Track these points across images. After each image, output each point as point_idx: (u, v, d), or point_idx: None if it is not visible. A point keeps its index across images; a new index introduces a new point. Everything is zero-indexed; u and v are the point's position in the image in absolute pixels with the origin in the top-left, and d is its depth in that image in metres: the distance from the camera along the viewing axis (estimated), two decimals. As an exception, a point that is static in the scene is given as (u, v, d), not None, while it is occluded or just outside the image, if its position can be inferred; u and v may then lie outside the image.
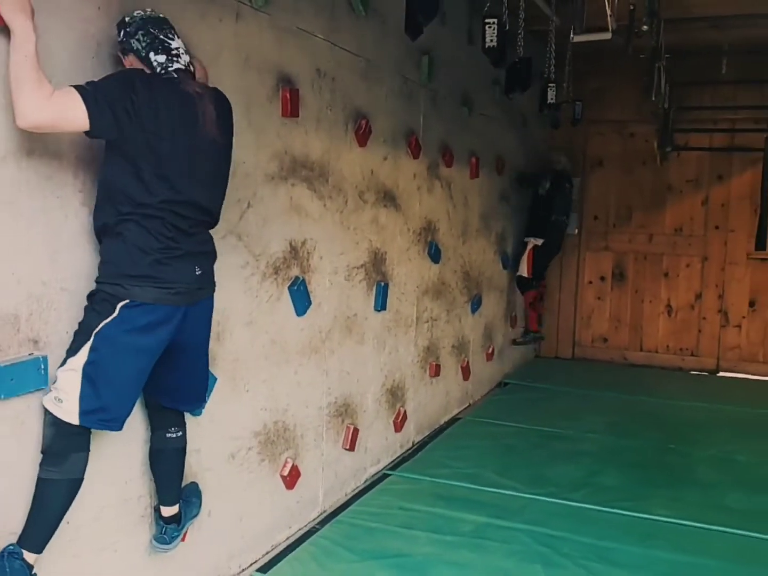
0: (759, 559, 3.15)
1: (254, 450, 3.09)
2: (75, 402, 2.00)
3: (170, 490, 2.46)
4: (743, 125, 6.47)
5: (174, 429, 2.42)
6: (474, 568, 3.02)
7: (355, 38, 3.66)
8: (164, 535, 2.47)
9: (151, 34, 2.13)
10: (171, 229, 2.09)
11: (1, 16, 1.81)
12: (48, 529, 2.03)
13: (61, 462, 2.03)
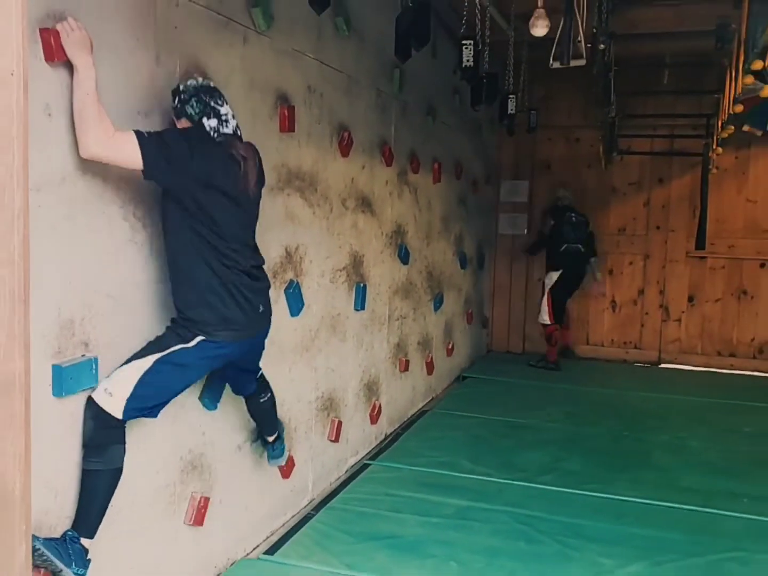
0: (713, 531, 3.51)
1: (258, 442, 3.30)
2: (124, 398, 2.24)
3: (269, 427, 3.13)
4: (682, 131, 6.94)
5: (263, 395, 2.99)
6: (463, 546, 3.30)
7: (339, 56, 3.89)
8: (275, 451, 3.18)
9: (203, 101, 2.38)
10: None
11: (65, 52, 2.01)
12: (97, 515, 2.23)
13: (103, 453, 2.23)
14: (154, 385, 2.30)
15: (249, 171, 2.44)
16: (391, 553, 3.22)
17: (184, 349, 2.35)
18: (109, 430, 2.25)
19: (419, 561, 3.15)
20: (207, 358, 2.42)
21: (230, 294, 2.41)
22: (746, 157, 6.97)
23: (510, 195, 7.64)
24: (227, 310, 2.40)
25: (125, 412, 2.25)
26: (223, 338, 2.42)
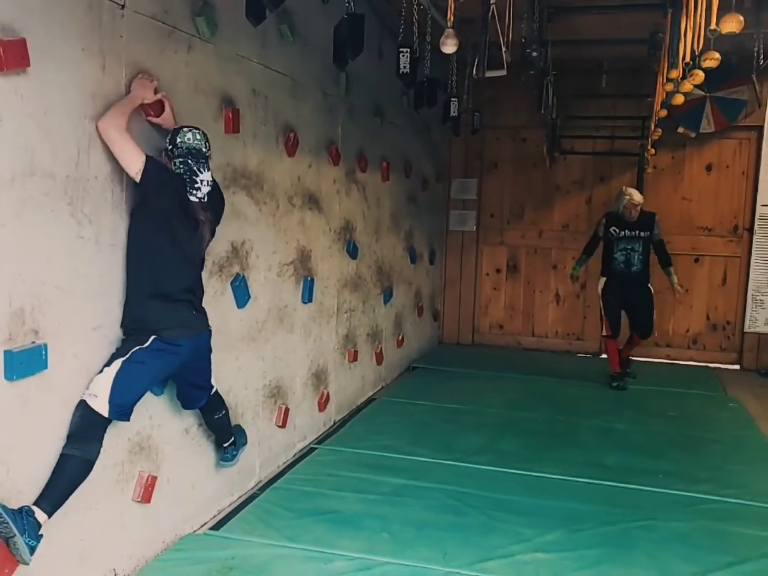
0: (628, 504, 3.82)
1: (204, 426, 3.50)
2: (106, 398, 2.63)
3: (224, 436, 3.49)
4: (622, 133, 7.28)
5: (218, 412, 3.37)
6: (396, 519, 3.55)
7: (284, 60, 4.09)
8: (227, 454, 3.52)
9: (188, 166, 2.84)
10: None
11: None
12: (62, 497, 2.50)
13: (84, 445, 2.57)
14: (126, 384, 2.69)
15: (203, 233, 2.94)
16: (329, 527, 3.45)
17: (142, 350, 2.76)
18: (94, 427, 2.62)
19: (354, 533, 3.39)
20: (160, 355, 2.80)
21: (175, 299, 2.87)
22: (681, 157, 7.34)
23: (460, 193, 7.91)
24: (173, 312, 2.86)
25: (110, 411, 2.64)
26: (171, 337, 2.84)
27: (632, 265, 6.00)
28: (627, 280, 6.04)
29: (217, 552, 3.17)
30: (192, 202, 2.84)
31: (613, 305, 6.10)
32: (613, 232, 6.01)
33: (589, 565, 3.14)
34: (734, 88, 6.83)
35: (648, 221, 6.00)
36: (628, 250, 5.98)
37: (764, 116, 6.90)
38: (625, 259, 5.99)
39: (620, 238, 5.99)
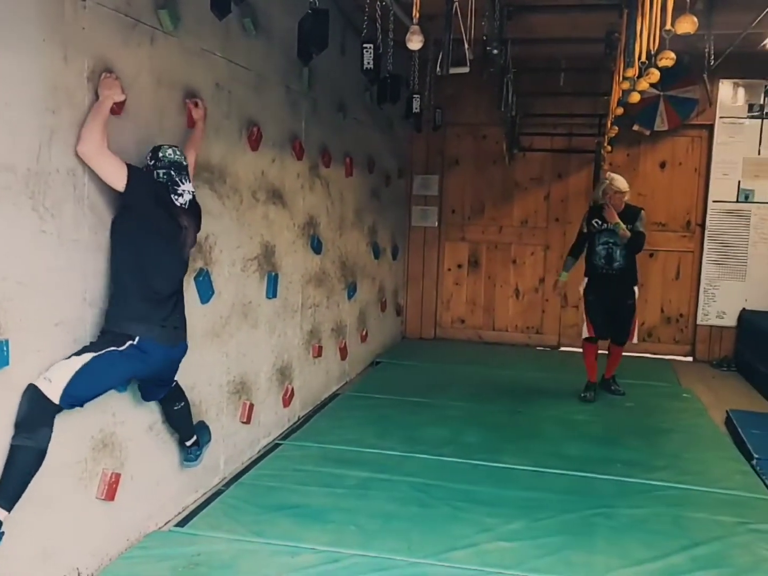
0: (587, 492, 3.91)
1: (168, 422, 3.49)
2: (61, 386, 2.57)
3: (186, 431, 3.47)
4: (579, 130, 7.41)
5: (177, 403, 3.36)
6: (362, 512, 3.58)
7: (247, 55, 4.08)
8: (190, 455, 3.51)
9: (170, 176, 2.95)
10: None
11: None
12: (18, 490, 2.46)
13: (34, 433, 2.50)
14: (89, 379, 2.66)
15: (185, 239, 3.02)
16: (295, 521, 3.47)
17: (116, 351, 2.76)
18: (43, 413, 2.54)
19: (321, 526, 3.41)
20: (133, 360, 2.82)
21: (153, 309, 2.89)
22: (636, 154, 7.50)
23: (422, 189, 7.97)
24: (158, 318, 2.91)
25: (62, 398, 2.57)
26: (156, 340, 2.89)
27: (614, 260, 5.60)
28: (609, 278, 5.63)
29: (183, 548, 3.17)
30: (176, 206, 2.95)
31: (595, 306, 5.72)
32: (595, 224, 5.66)
33: (550, 552, 3.21)
34: (686, 88, 7.01)
35: (633, 215, 5.59)
36: (610, 244, 5.60)
37: (715, 115, 7.09)
38: (607, 254, 5.61)
39: (602, 230, 5.61)
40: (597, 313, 5.72)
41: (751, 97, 6.97)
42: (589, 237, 5.71)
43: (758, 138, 6.97)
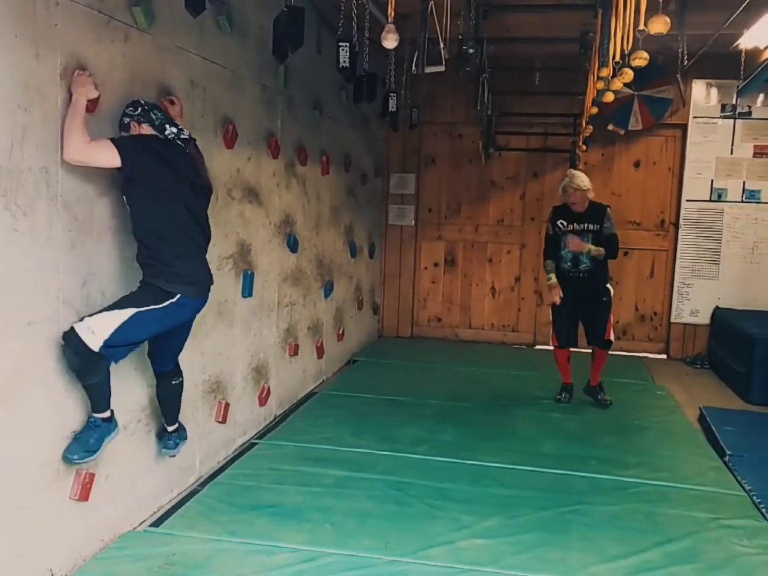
0: (563, 489, 3.94)
1: (143, 422, 3.47)
2: (102, 338, 2.78)
3: (172, 414, 3.52)
4: (554, 130, 7.45)
5: (175, 378, 3.46)
6: (339, 511, 3.58)
7: (222, 52, 4.06)
8: (170, 442, 3.53)
9: (164, 113, 3.08)
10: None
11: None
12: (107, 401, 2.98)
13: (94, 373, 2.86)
14: (129, 331, 2.86)
15: (201, 165, 3.18)
16: (271, 520, 3.46)
17: (157, 309, 2.94)
18: (91, 361, 2.81)
19: (298, 525, 3.41)
20: (169, 315, 3.00)
21: (191, 260, 3.08)
22: (611, 154, 7.57)
23: (398, 187, 7.98)
24: (191, 273, 3.08)
25: (102, 348, 2.79)
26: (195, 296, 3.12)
27: (580, 262, 5.24)
28: (576, 282, 5.29)
29: (158, 549, 3.15)
30: (184, 144, 3.05)
31: (561, 314, 5.38)
32: (560, 226, 5.30)
33: (526, 549, 3.23)
34: (660, 88, 7.08)
35: (598, 214, 5.28)
36: None
37: (688, 115, 7.18)
38: (573, 257, 5.26)
39: (567, 232, 5.26)
40: (562, 321, 5.43)
41: (723, 97, 7.06)
42: (555, 238, 5.36)
43: (731, 138, 7.07)
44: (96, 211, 3.02)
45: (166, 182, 2.94)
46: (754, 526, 3.52)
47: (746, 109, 7.01)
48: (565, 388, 5.65)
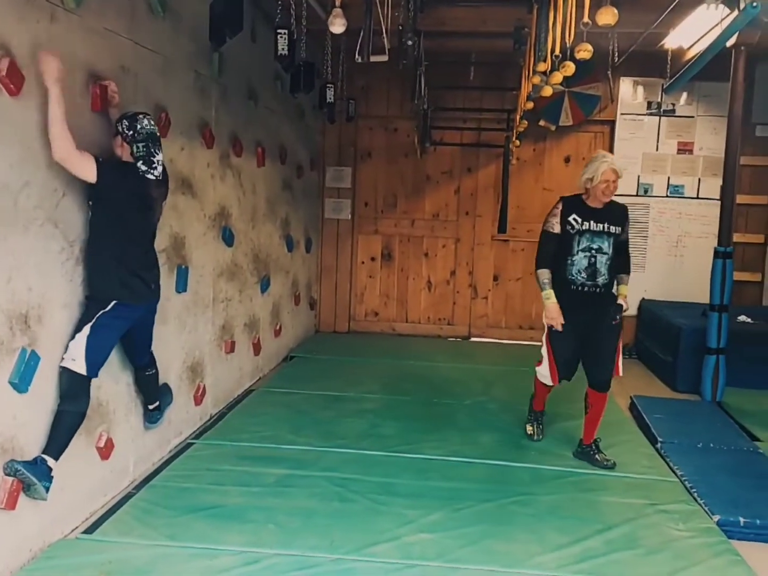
0: (504, 480, 3.97)
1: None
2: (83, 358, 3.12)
3: (150, 396, 3.89)
4: (488, 125, 7.53)
5: (149, 369, 3.79)
6: (281, 510, 3.49)
7: (154, 37, 3.90)
8: (152, 417, 3.93)
9: (148, 149, 3.25)
10: None
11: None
12: (64, 444, 3.09)
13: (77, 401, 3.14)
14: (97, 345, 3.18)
15: (156, 207, 3.44)
16: (212, 522, 3.35)
17: (105, 314, 3.21)
18: (81, 386, 3.16)
19: (239, 526, 3.31)
20: (119, 317, 3.26)
21: (133, 273, 3.33)
22: (542, 149, 7.69)
23: (335, 181, 7.90)
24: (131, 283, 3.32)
25: (88, 369, 3.14)
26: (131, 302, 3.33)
27: (598, 273, 4.05)
28: (590, 299, 4.08)
29: (92, 557, 3.01)
30: (150, 181, 3.29)
31: (563, 341, 4.13)
32: (573, 223, 4.07)
33: (471, 542, 3.23)
34: (590, 84, 7.22)
35: (620, 213, 4.18)
36: (593, 251, 4.04)
37: (616, 111, 7.35)
38: (589, 265, 4.03)
39: (583, 232, 4.06)
40: (565, 349, 4.17)
41: (649, 95, 7.26)
42: (563, 241, 4.11)
43: (656, 134, 7.28)
44: (20, 201, 2.86)
45: (125, 211, 3.24)
46: (687, 510, 3.62)
47: (671, 106, 7.24)
48: (538, 418, 4.65)
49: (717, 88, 6.85)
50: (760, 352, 5.93)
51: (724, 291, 5.50)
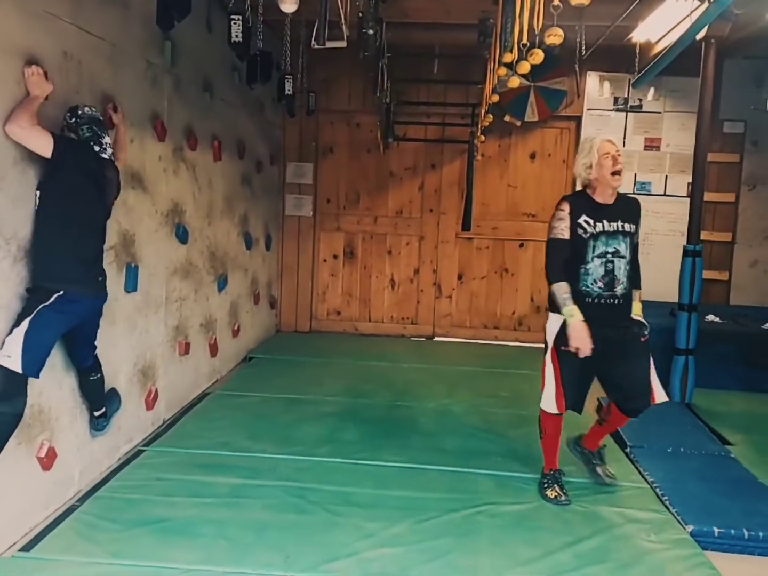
0: (468, 489, 3.81)
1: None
2: (18, 355, 2.94)
3: (96, 402, 3.70)
4: (452, 120, 7.39)
5: (94, 374, 3.61)
6: (234, 524, 3.30)
7: (101, 22, 3.68)
8: (98, 425, 3.75)
9: (93, 131, 3.24)
10: None
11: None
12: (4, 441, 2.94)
13: (11, 401, 2.95)
14: (35, 340, 2.99)
15: (110, 189, 3.36)
16: (159, 537, 3.15)
17: (46, 307, 3.04)
18: (16, 384, 2.97)
19: (189, 542, 3.12)
20: (63, 311, 3.10)
21: (80, 261, 3.20)
22: (507, 145, 7.58)
23: (295, 177, 7.69)
24: (78, 273, 3.19)
25: (24, 367, 2.95)
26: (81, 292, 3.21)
27: (616, 281, 3.50)
28: (608, 312, 3.51)
29: (28, 577, 2.79)
30: (104, 161, 3.25)
31: (574, 364, 3.48)
32: (585, 225, 3.48)
33: (436, 557, 3.08)
34: (556, 79, 7.13)
35: (631, 208, 3.65)
36: (609, 255, 3.48)
37: (582, 107, 7.26)
38: (606, 272, 3.48)
39: (597, 235, 3.49)
40: (573, 372, 3.54)
41: (616, 90, 7.19)
42: (573, 247, 3.51)
43: (623, 130, 7.21)
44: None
45: (77, 191, 3.14)
46: (659, 519, 3.50)
47: (637, 102, 7.17)
48: (556, 477, 3.80)
49: (685, 83, 6.81)
50: (728, 352, 5.88)
51: (693, 290, 5.42)
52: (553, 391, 3.62)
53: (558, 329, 3.51)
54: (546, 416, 3.76)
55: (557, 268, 3.51)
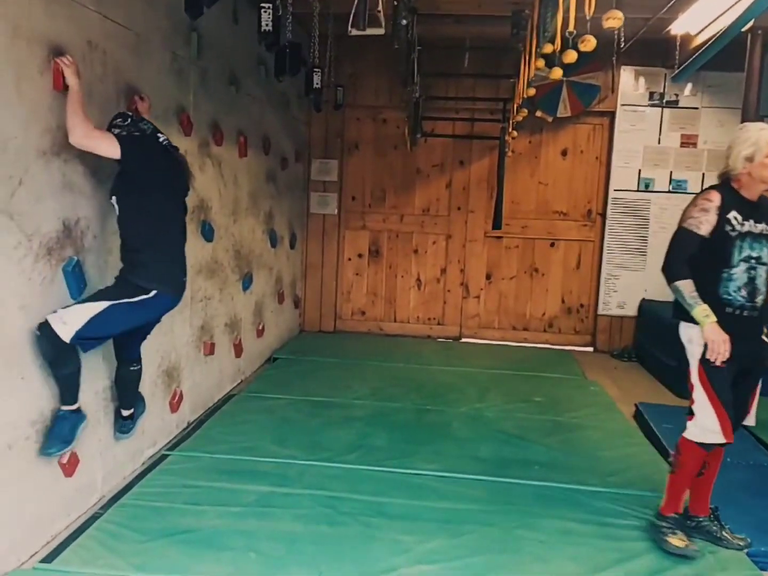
0: (510, 500, 3.62)
1: (32, 439, 2.95)
2: (74, 329, 2.88)
3: (128, 400, 3.59)
4: (481, 115, 7.21)
5: (135, 364, 3.51)
6: (263, 535, 3.15)
7: (126, 11, 3.55)
8: (124, 427, 3.62)
9: (151, 123, 3.27)
10: None
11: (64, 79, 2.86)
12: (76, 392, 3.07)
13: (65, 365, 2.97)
14: (102, 324, 2.96)
15: (185, 170, 3.39)
16: (185, 549, 3.01)
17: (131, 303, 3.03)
18: (64, 351, 2.91)
19: (216, 554, 2.97)
20: (144, 309, 3.10)
21: (169, 262, 3.22)
22: (538, 141, 7.38)
23: (320, 174, 7.54)
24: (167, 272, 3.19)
25: (72, 338, 2.89)
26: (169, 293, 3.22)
27: (758, 293, 3.08)
28: (748, 326, 3.10)
29: (49, 591, 2.66)
30: (171, 147, 3.28)
31: (723, 381, 3.05)
32: (734, 222, 3.05)
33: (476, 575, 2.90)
34: (589, 74, 6.91)
35: None
36: (752, 261, 3.08)
37: (616, 102, 7.05)
38: (749, 280, 3.06)
39: (744, 235, 3.06)
40: (726, 388, 3.08)
41: (651, 85, 6.95)
42: (714, 247, 3.07)
43: (658, 127, 6.98)
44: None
45: (156, 182, 3.12)
46: (712, 533, 3.30)
47: (674, 97, 6.94)
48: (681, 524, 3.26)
49: (723, 78, 6.58)
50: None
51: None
52: (713, 418, 3.05)
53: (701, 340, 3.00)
54: (694, 449, 3.14)
55: (681, 264, 3.08)
